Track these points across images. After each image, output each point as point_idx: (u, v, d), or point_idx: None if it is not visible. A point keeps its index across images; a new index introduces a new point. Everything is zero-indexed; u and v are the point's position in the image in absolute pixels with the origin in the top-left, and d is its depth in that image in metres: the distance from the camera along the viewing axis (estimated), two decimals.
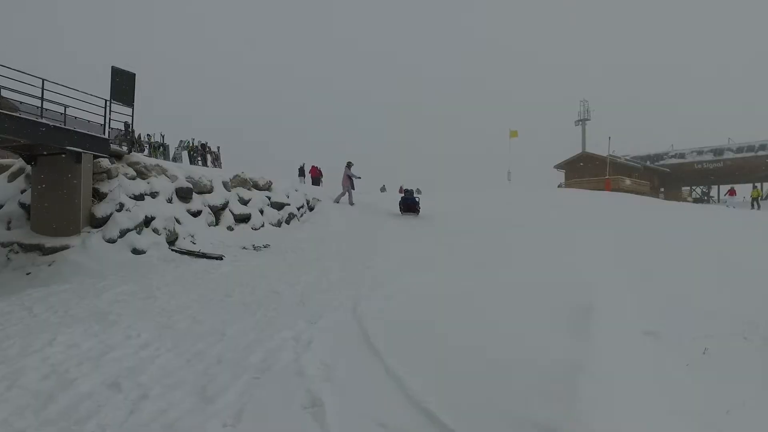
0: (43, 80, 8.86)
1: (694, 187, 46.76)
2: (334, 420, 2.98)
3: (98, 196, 10.03)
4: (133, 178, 10.72)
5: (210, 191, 12.41)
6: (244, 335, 4.63)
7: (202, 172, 12.87)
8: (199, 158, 19.92)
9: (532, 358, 4.13)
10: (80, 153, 9.58)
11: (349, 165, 16.78)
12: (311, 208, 15.81)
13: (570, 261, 8.12)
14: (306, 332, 4.66)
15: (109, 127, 10.57)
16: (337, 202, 16.41)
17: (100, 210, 9.75)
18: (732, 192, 29.48)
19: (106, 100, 10.37)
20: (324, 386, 3.45)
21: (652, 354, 5.00)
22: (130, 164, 10.96)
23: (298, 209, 15.06)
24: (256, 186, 14.13)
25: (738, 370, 4.87)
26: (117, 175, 10.40)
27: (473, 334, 4.74)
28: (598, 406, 3.41)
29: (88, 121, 10.16)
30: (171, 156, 19.11)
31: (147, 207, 10.36)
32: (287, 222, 14.22)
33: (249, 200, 13.38)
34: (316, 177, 24.98)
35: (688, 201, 40.86)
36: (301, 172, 25.16)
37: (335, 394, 3.34)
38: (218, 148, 21.33)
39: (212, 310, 5.60)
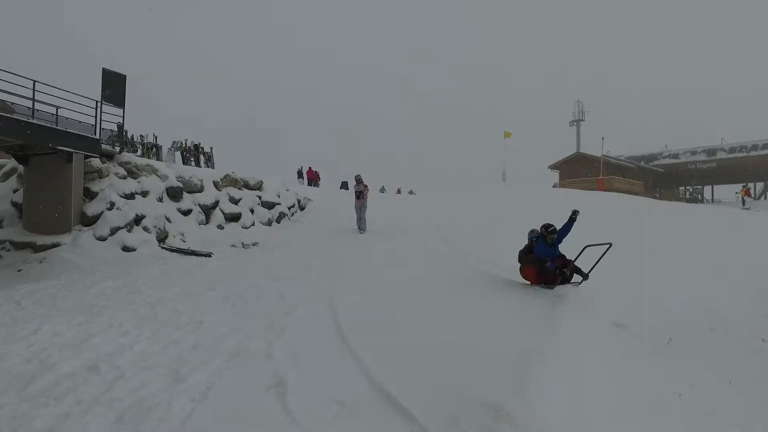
0: (34, 81, 9.07)
1: (688, 187, 47.05)
2: (295, 398, 3.21)
3: (89, 195, 10.23)
4: (124, 178, 10.92)
5: (200, 190, 12.62)
6: (221, 325, 4.86)
7: (193, 172, 13.08)
8: (192, 159, 20.10)
9: (493, 346, 4.35)
10: (71, 153, 9.79)
11: (357, 180, 13.61)
12: (302, 208, 16.04)
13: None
14: (280, 322, 4.89)
15: (101, 128, 10.78)
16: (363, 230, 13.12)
17: (91, 208, 9.95)
18: (747, 192, 29.28)
19: (97, 101, 10.57)
20: (290, 369, 3.67)
21: (617, 344, 5.21)
22: (121, 164, 11.16)
23: (289, 208, 15.28)
24: (246, 185, 14.34)
25: (695, 357, 5.10)
26: (108, 175, 10.60)
27: (441, 325, 4.96)
28: (547, 388, 3.62)
29: (80, 122, 10.36)
30: (164, 156, 19.28)
31: (137, 206, 10.57)
32: (278, 221, 14.44)
33: (239, 199, 13.60)
34: (311, 179, 25.92)
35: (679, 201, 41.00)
36: (300, 174, 26.23)
37: (300, 376, 3.56)
38: (211, 148, 21.51)
39: (193, 303, 5.83)
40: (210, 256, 9.83)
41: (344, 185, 25.67)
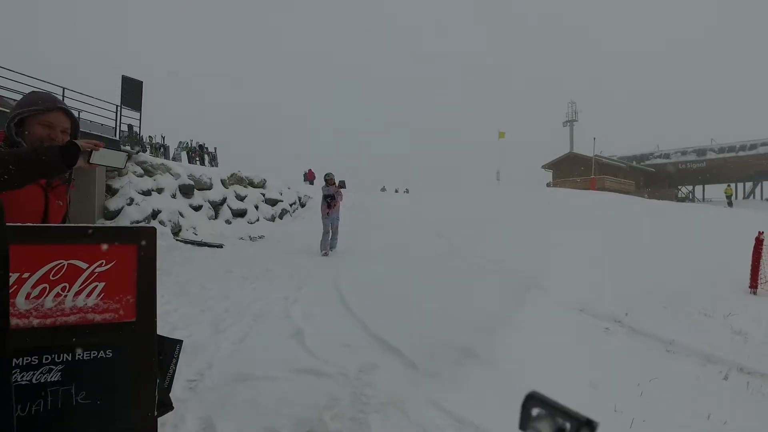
0: (63, 89, 10.01)
1: (679, 187, 48.00)
2: (311, 342, 4.17)
3: (110, 191, 11.18)
4: (141, 176, 11.86)
5: (210, 188, 13.57)
6: (245, 296, 5.84)
7: (203, 171, 14.03)
8: (197, 158, 21.07)
9: (467, 313, 5.32)
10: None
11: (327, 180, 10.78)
12: (303, 205, 17.02)
13: (536, 250, 9.26)
14: (293, 294, 5.87)
15: (120, 129, 11.73)
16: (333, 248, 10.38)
17: (113, 204, 10.90)
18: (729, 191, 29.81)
19: (116, 106, 11.52)
20: (305, 324, 4.64)
21: (580, 320, 6.14)
22: (138, 163, 12.09)
23: (291, 205, 16.25)
24: (251, 184, 15.30)
25: (644, 327, 6.04)
26: (127, 173, 11.53)
27: (429, 297, 5.92)
28: (509, 340, 4.59)
29: (102, 125, 11.31)
30: (171, 156, 20.24)
31: (154, 201, 11.51)
32: (280, 217, 15.40)
33: (245, 197, 14.56)
34: (312, 179, 28.07)
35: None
36: (305, 176, 29.16)
37: (313, 329, 4.53)
38: (215, 148, 22.50)
39: (217, 282, 6.79)
40: (221, 247, 10.76)
41: (341, 184, 27.01)
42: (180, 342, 2.14)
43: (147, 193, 11.61)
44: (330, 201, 10.32)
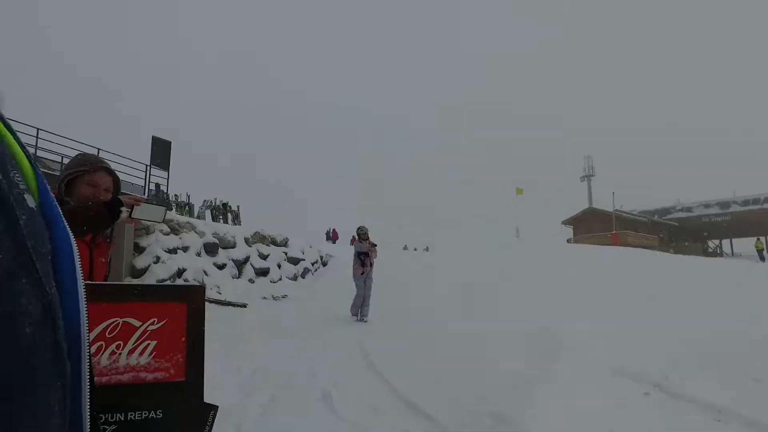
0: (98, 149, 10.47)
1: (709, 242, 46.87)
2: (339, 405, 4.08)
3: (138, 249, 11.39)
4: (167, 234, 12.11)
5: (233, 246, 13.74)
6: (271, 356, 5.78)
7: (227, 229, 14.26)
8: (221, 216, 21.50)
9: (499, 374, 5.17)
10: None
11: (361, 235, 9.80)
12: (324, 264, 17.07)
13: (561, 309, 9.06)
14: (319, 355, 5.81)
15: (148, 189, 12.11)
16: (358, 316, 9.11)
17: (140, 262, 11.07)
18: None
19: (146, 165, 11.95)
20: (332, 387, 4.56)
21: (615, 383, 5.90)
22: (165, 221, 12.37)
23: (313, 264, 16.31)
24: (273, 242, 15.46)
25: (686, 392, 5.76)
26: (154, 231, 11.79)
27: (456, 358, 5.79)
28: (540, 407, 4.41)
29: (132, 184, 11.70)
30: (195, 214, 20.70)
31: (179, 260, 11.66)
32: (302, 276, 15.42)
33: (268, 255, 14.66)
34: (336, 239, 30.34)
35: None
36: (328, 236, 31.06)
37: (341, 391, 4.44)
38: (238, 207, 22.97)
39: (242, 342, 6.75)
40: (245, 307, 10.76)
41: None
42: (215, 408, 2.12)
43: (173, 251, 11.80)
44: (363, 258, 9.38)
